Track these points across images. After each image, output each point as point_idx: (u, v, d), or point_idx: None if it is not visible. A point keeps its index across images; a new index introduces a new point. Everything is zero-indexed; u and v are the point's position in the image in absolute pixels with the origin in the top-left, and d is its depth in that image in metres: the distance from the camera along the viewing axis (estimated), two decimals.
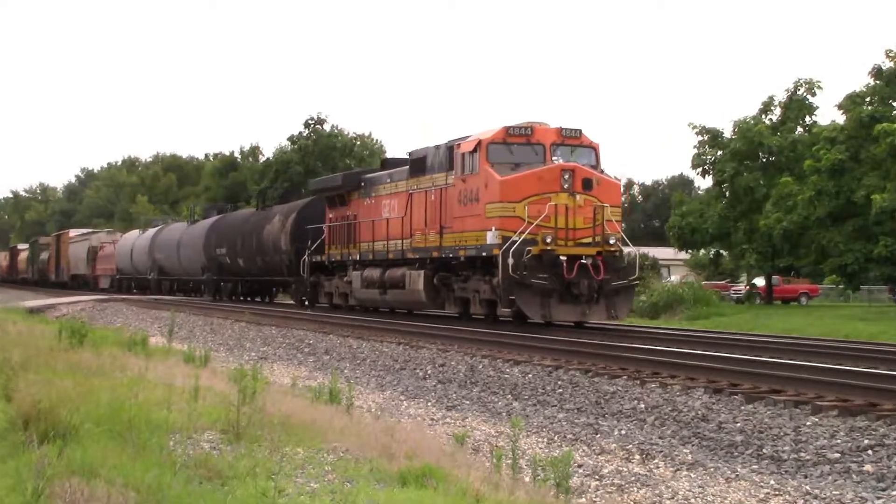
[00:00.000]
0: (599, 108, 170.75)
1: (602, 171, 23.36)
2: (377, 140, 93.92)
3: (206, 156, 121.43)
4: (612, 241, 22.14)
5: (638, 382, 13.44)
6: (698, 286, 41.63)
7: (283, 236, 37.98)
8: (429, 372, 16.57)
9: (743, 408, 11.48)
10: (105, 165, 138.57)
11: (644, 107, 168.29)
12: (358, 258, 29.89)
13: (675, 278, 57.95)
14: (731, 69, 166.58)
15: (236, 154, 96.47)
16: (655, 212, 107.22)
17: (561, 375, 14.60)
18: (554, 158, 22.89)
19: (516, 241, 21.61)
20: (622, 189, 26.85)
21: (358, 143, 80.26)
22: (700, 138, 46.89)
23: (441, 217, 24.87)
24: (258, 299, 45.88)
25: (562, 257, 21.68)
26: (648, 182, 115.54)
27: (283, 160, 70.35)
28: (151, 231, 58.21)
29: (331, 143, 69.67)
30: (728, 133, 46.47)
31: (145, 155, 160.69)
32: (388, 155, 65.64)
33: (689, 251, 53.26)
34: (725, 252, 49.69)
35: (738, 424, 10.82)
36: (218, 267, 45.73)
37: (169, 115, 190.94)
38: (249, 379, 9.60)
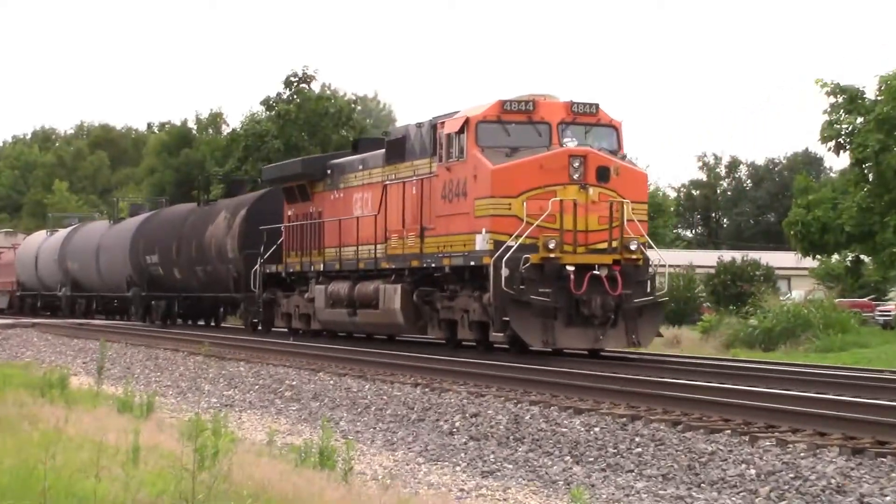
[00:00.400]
0: (683, 66, 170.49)
1: (625, 157, 24.40)
2: (384, 104, 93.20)
3: (150, 126, 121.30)
4: (632, 247, 22.94)
5: (746, 439, 13.35)
6: (830, 305, 41.39)
7: (228, 240, 38.55)
8: (457, 424, 16.57)
9: (895, 475, 11.40)
10: (9, 140, 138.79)
11: (756, 61, 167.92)
12: (322, 268, 30.99)
13: (797, 294, 57.65)
14: (877, 6, 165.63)
15: (191, 124, 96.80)
16: (770, 202, 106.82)
17: (639, 429, 14.59)
18: (565, 141, 23.86)
19: (511, 248, 22.50)
20: (649, 181, 27.75)
21: (358, 107, 79.72)
22: (832, 100, 46.57)
23: (422, 216, 25.82)
24: (201, 322, 46.57)
25: (568, 267, 22.57)
26: (760, 161, 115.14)
27: (255, 132, 70.42)
28: (62, 232, 58.65)
29: (321, 107, 69.68)
30: (872, 93, 46.13)
31: (65, 126, 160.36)
32: (401, 123, 65.33)
33: (818, 257, 52.95)
34: (868, 258, 49.35)
35: (889, 498, 10.77)
36: (148, 280, 46.42)
37: (96, 73, 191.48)
38: (209, 434, 9.70)
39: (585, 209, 22.93)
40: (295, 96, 71.12)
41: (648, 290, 23.24)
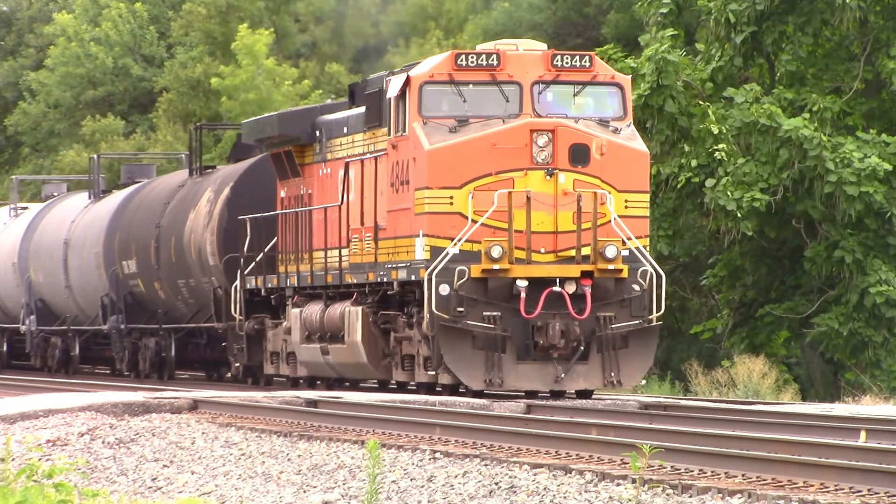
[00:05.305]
0: None
1: (624, 129, 19.56)
2: None
3: None
4: (610, 255, 18.80)
5: None
6: None
7: (208, 236, 26.72)
8: None
9: None
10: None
11: None
12: (297, 283, 23.44)
13: None
14: None
15: None
16: None
17: None
18: (553, 107, 19.30)
19: (447, 256, 18.69)
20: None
21: None
22: None
23: (377, 209, 20.91)
24: (215, 375, 30.47)
25: (520, 283, 18.71)
26: None
27: None
28: (31, 212, 36.29)
29: None
30: None
31: None
32: None
33: None
34: None
35: None
36: (129, 302, 30.89)
37: None
38: None
39: (552, 203, 18.72)
40: None
41: (636, 311, 18.93)
